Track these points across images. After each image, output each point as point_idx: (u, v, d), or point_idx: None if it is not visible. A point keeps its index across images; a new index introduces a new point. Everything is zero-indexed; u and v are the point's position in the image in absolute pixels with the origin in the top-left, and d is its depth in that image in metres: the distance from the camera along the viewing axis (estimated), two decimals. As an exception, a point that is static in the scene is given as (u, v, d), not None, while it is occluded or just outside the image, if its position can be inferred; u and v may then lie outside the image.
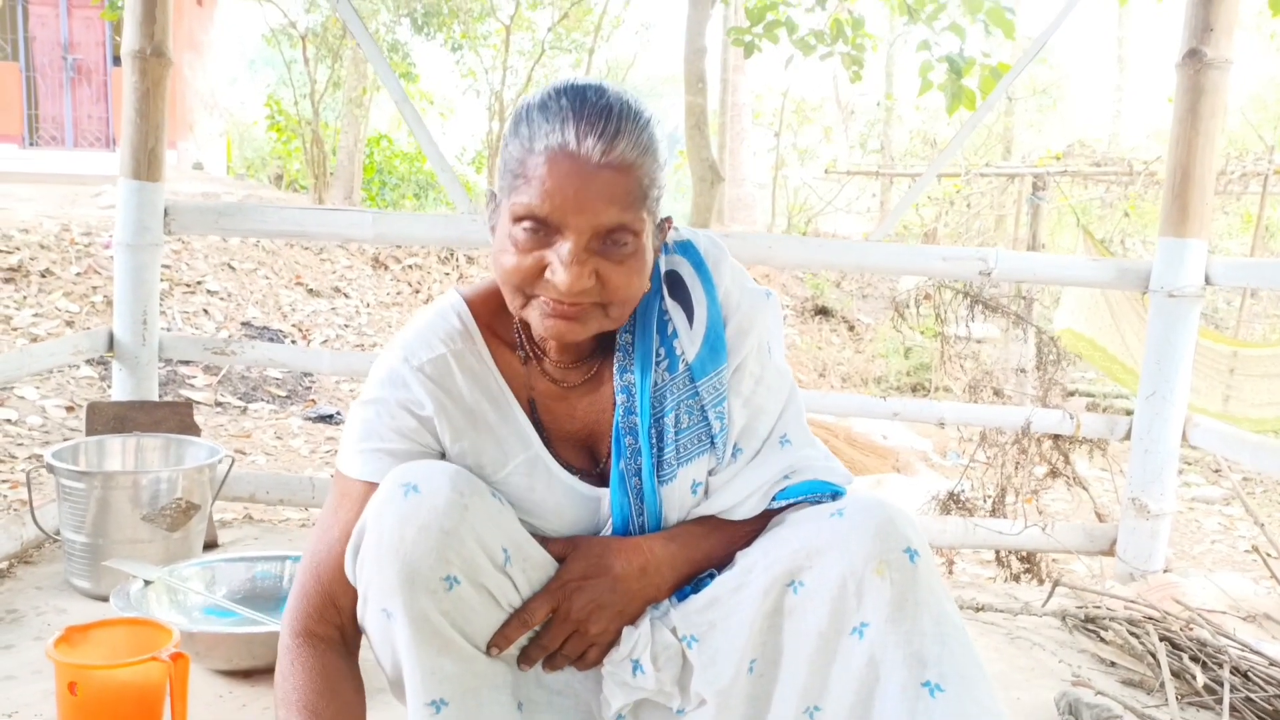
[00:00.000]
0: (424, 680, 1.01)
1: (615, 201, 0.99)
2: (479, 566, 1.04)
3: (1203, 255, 2.45)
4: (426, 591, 1.00)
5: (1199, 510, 5.65)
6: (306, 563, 1.13)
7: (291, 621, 1.11)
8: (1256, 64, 17.61)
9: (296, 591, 1.13)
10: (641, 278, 1.05)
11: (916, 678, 1.00)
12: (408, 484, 1.02)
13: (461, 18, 13.08)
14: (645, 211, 1.02)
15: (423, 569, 1.00)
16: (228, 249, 7.29)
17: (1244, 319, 8.68)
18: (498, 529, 1.06)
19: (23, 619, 1.87)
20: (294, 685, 1.07)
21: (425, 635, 1.01)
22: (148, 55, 2.36)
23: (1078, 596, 2.33)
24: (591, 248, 1.00)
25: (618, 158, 0.99)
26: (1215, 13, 2.38)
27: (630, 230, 1.01)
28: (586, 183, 0.98)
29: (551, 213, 0.98)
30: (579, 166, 0.98)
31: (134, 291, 2.42)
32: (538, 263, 1.01)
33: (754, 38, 6.43)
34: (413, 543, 1.00)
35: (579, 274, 0.99)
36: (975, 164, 9.90)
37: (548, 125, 0.99)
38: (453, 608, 1.02)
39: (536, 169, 0.99)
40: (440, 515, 1.01)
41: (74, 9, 11.30)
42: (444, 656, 1.02)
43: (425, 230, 2.52)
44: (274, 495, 2.58)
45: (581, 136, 0.98)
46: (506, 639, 1.08)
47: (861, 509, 1.07)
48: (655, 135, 1.03)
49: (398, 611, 1.01)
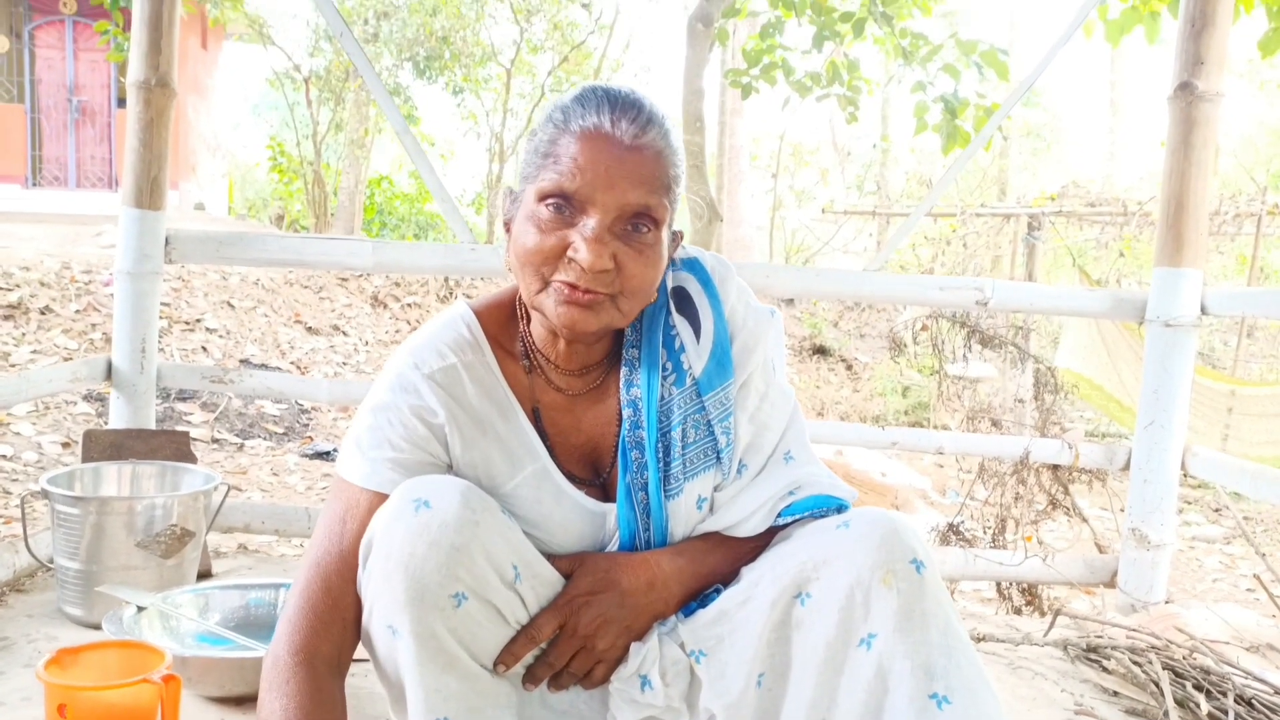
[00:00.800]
0: (428, 699, 1.00)
1: (644, 183, 1.02)
2: (488, 583, 1.02)
3: (1198, 284, 2.47)
4: (435, 609, 0.99)
5: (1200, 549, 5.62)
6: (311, 574, 1.09)
7: (292, 636, 1.06)
8: (1247, 106, 17.84)
9: (300, 605, 1.07)
10: (656, 271, 1.07)
11: (924, 689, 1.00)
12: (419, 499, 1.01)
13: (463, 61, 13.25)
14: (668, 200, 1.05)
15: (431, 586, 0.99)
16: (227, 287, 7.31)
17: (1240, 359, 8.69)
18: (507, 545, 1.05)
19: (13, 646, 1.85)
20: (284, 707, 1.02)
21: (431, 653, 1.00)
22: (152, 85, 2.39)
23: (1079, 626, 2.31)
24: (614, 230, 1.03)
25: (649, 142, 1.03)
26: (1206, 46, 2.42)
27: (652, 217, 1.04)
28: (618, 162, 1.02)
29: (581, 188, 1.01)
30: (612, 145, 1.02)
31: (133, 319, 2.42)
32: (560, 242, 1.03)
33: (751, 79, 6.52)
34: (422, 559, 0.99)
35: (600, 251, 1.01)
36: (971, 204, 9.98)
37: (583, 110, 1.04)
38: (460, 625, 1.01)
39: (569, 146, 1.03)
40: (451, 531, 0.99)
41: (80, 52, 11.44)
42: (448, 675, 1.01)
43: (425, 259, 2.53)
44: (269, 525, 2.56)
45: (616, 120, 1.02)
46: (514, 656, 1.06)
47: (867, 521, 1.06)
48: (678, 140, 1.08)
49: (404, 628, 0.99)
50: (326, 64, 13.02)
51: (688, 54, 7.59)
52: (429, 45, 12.98)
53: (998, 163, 14.94)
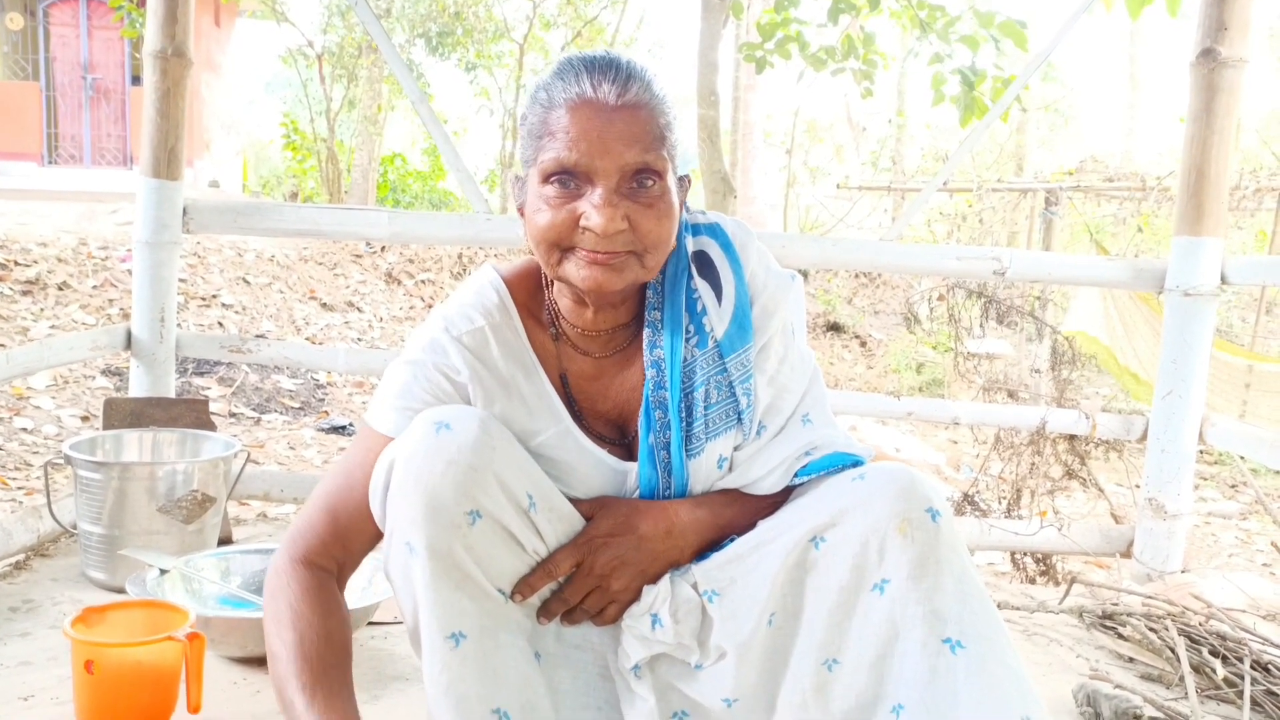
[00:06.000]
0: (443, 614, 1.02)
1: (637, 140, 1.04)
2: (503, 506, 1.05)
3: (1219, 253, 2.45)
4: (450, 525, 1.02)
5: (1216, 525, 5.60)
6: (319, 501, 1.15)
7: (291, 548, 1.13)
8: (1269, 81, 17.59)
9: (303, 525, 1.14)
10: (671, 221, 1.08)
11: (937, 634, 1.01)
12: (440, 422, 1.04)
13: (475, 38, 13.20)
14: (665, 152, 1.06)
15: (447, 502, 1.01)
16: (242, 263, 7.34)
17: (1259, 334, 8.63)
18: (523, 474, 1.08)
19: (39, 608, 1.88)
20: (289, 604, 1.09)
21: (446, 568, 1.02)
22: (169, 55, 2.39)
23: (1094, 594, 2.31)
24: (621, 190, 1.04)
25: (633, 98, 1.04)
26: (1229, 11, 2.38)
27: (654, 170, 1.05)
28: (608, 124, 1.03)
29: (580, 159, 1.03)
30: (599, 109, 1.03)
31: (152, 288, 2.44)
32: (571, 214, 1.04)
33: (766, 54, 6.47)
34: (439, 475, 1.01)
35: (612, 215, 1.03)
36: (987, 180, 9.90)
37: (563, 83, 1.06)
38: (475, 543, 1.03)
39: (560, 121, 1.04)
40: (468, 452, 1.02)
41: (94, 30, 11.45)
42: (462, 592, 1.03)
43: (442, 229, 2.53)
44: (288, 494, 2.58)
45: (597, 84, 1.04)
46: (530, 587, 1.09)
47: (885, 472, 1.08)
48: (663, 88, 1.09)
49: (419, 544, 1.01)
50: (339, 40, 13.00)
51: (702, 28, 7.53)
52: (441, 21, 12.94)
53: (1015, 138, 14.81)
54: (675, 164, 1.10)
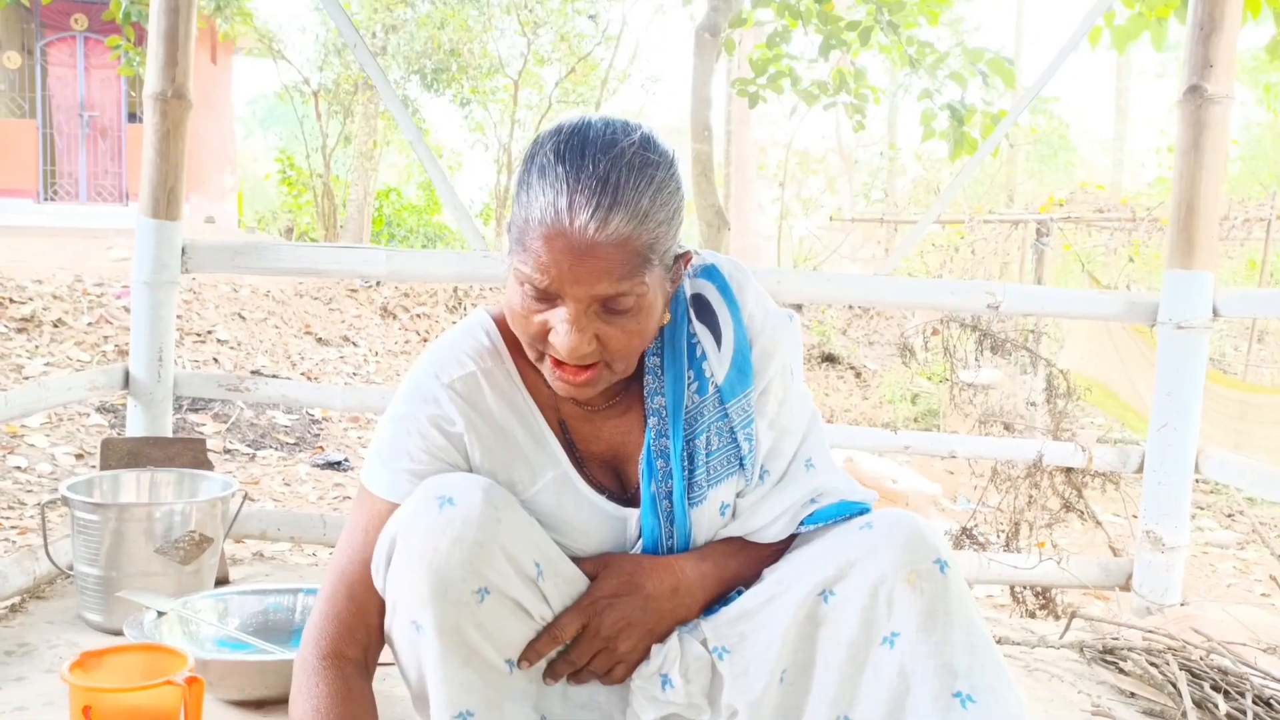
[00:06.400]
0: (450, 693, 1.01)
1: (610, 274, 0.97)
2: (510, 579, 1.04)
3: (1210, 286, 2.47)
4: (458, 604, 1.00)
5: (1213, 555, 5.59)
6: (337, 582, 1.12)
7: (319, 641, 1.10)
8: (1250, 112, 17.80)
9: (326, 611, 1.11)
10: (645, 332, 1.04)
11: (948, 688, 1.00)
12: (442, 496, 1.03)
13: (470, 73, 13.32)
14: (646, 276, 1.00)
15: (455, 581, 1.00)
16: (238, 299, 7.35)
17: (1251, 364, 8.66)
18: (530, 543, 1.06)
19: (34, 652, 1.86)
20: (313, 706, 1.06)
21: (454, 647, 1.01)
22: (169, 97, 2.42)
23: (1095, 629, 2.30)
24: (591, 312, 1.00)
25: (612, 233, 0.96)
26: (1215, 49, 2.42)
27: (630, 294, 1.00)
28: (581, 259, 0.96)
29: (550, 284, 0.98)
30: (573, 244, 0.96)
31: (151, 328, 2.44)
32: (542, 325, 1.02)
33: (758, 88, 6.54)
34: (445, 555, 1.00)
35: (579, 340, 0.99)
36: (979, 211, 9.98)
37: (544, 198, 0.97)
38: (484, 620, 1.02)
39: (534, 242, 0.98)
40: (474, 528, 1.01)
41: (92, 68, 11.53)
42: (469, 668, 1.02)
43: (439, 267, 2.55)
44: (285, 532, 2.57)
45: (575, 212, 0.95)
46: (537, 653, 1.07)
47: (891, 521, 1.07)
48: (664, 188, 1.00)
49: (427, 624, 1.00)
50: (335, 77, 13.11)
51: (695, 63, 7.63)
52: (437, 58, 13.06)
53: (1005, 169, 14.94)
54: (665, 264, 1.04)
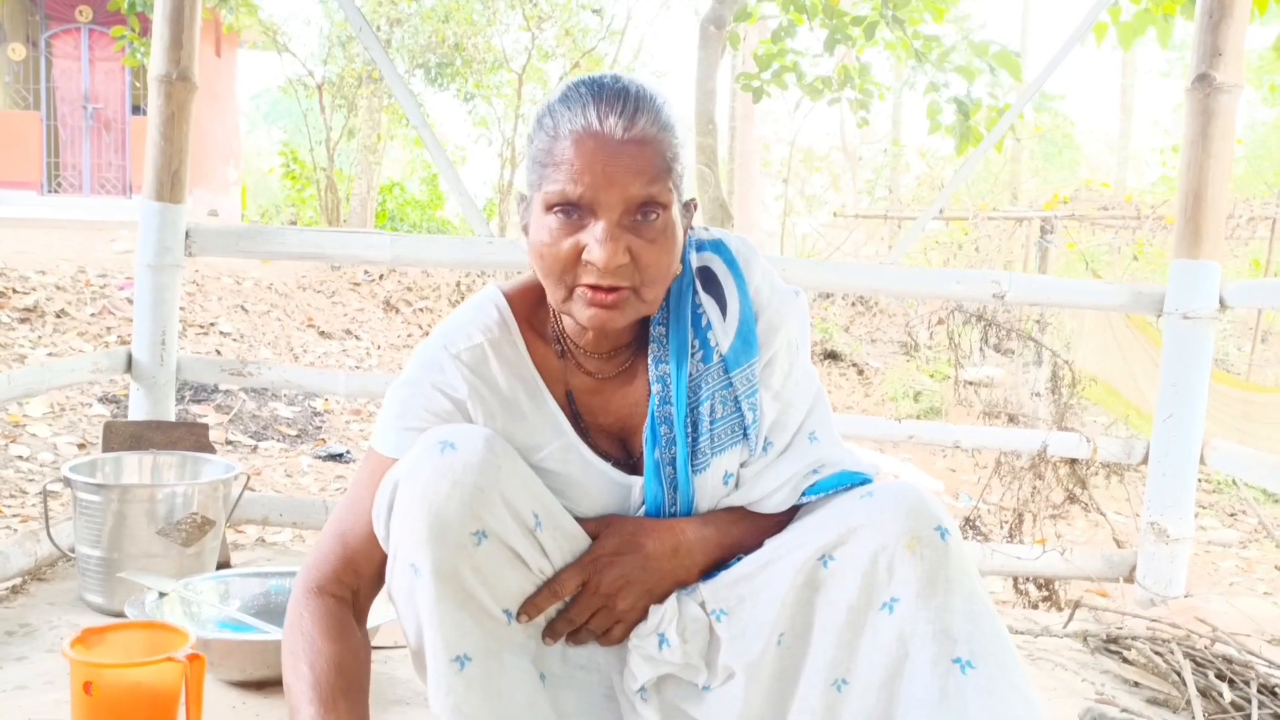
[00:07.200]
0: (447, 636, 1.01)
1: (642, 174, 1.02)
2: (509, 526, 1.05)
3: (1217, 277, 2.46)
4: (455, 546, 1.01)
5: (1216, 553, 5.58)
6: (331, 530, 1.15)
7: (305, 579, 1.14)
8: (1256, 111, 17.78)
9: (316, 555, 1.15)
10: (672, 255, 1.07)
11: (947, 654, 1.00)
12: (444, 441, 1.04)
13: (474, 68, 13.30)
14: (671, 184, 1.05)
15: (453, 522, 1.01)
16: (240, 291, 7.35)
17: (1254, 363, 8.64)
18: (530, 494, 1.07)
19: (36, 632, 1.86)
20: (303, 633, 1.09)
21: (450, 590, 1.01)
22: (173, 80, 2.41)
23: (1098, 618, 2.30)
24: (624, 224, 1.03)
25: (640, 132, 1.02)
26: (1224, 38, 2.41)
27: (658, 203, 1.04)
28: (612, 158, 1.01)
29: (584, 193, 1.02)
30: (603, 144, 1.01)
31: (154, 312, 2.44)
32: (574, 247, 1.03)
33: (763, 83, 6.54)
34: (445, 497, 1.01)
35: (614, 249, 1.01)
36: (983, 208, 9.96)
37: (570, 112, 1.04)
38: (481, 564, 1.03)
39: (564, 153, 1.03)
40: (474, 472, 1.02)
41: (96, 60, 11.53)
42: (466, 614, 1.02)
43: (443, 253, 2.54)
44: (286, 518, 2.57)
45: (603, 116, 1.02)
46: (536, 608, 1.08)
47: (893, 491, 1.08)
48: (672, 114, 1.07)
49: (424, 566, 1.01)
50: (339, 71, 13.09)
51: (699, 56, 7.61)
52: (441, 52, 13.04)
53: (1010, 167, 14.92)
54: (680, 191, 1.09)
